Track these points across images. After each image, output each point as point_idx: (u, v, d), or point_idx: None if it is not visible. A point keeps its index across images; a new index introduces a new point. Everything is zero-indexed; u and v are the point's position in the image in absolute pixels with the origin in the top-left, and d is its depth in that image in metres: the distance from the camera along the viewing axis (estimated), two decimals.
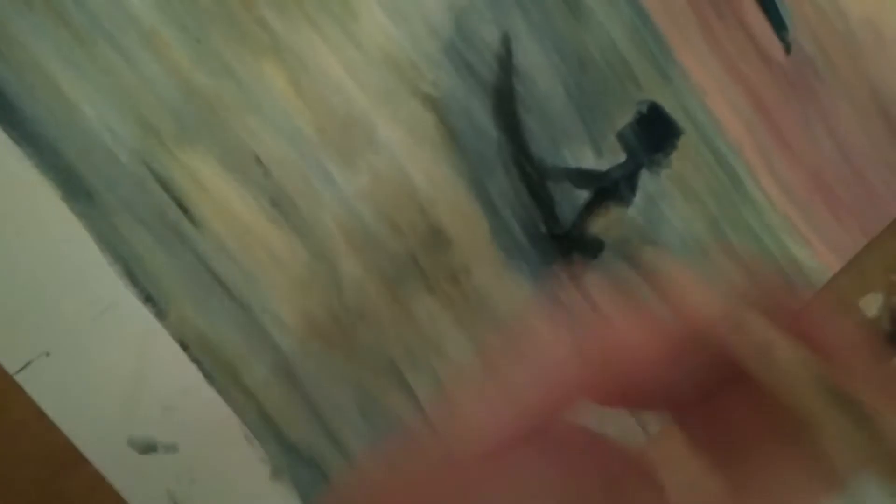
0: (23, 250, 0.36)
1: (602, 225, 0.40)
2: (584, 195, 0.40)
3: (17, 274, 0.36)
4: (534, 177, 0.40)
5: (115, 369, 0.37)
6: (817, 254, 0.43)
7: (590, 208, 0.40)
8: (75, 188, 0.36)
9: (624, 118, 0.41)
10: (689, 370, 0.21)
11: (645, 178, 0.41)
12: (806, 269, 0.43)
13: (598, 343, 0.21)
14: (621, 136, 0.41)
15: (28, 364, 0.36)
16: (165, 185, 0.37)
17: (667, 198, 0.41)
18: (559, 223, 0.40)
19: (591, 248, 0.40)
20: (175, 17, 0.36)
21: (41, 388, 0.36)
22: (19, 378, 0.36)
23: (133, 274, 0.37)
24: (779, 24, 0.42)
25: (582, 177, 0.40)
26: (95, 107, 0.36)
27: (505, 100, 0.40)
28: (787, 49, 0.42)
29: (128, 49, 0.36)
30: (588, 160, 0.41)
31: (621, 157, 0.41)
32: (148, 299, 0.37)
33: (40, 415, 0.36)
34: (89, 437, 0.36)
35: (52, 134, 0.35)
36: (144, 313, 0.37)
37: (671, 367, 0.21)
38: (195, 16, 0.36)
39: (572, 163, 0.40)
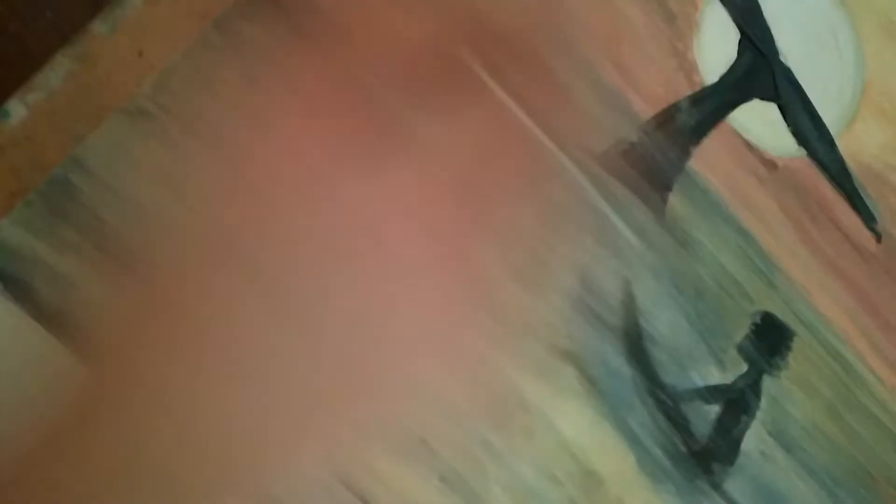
0: None
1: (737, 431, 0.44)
2: (714, 409, 0.44)
3: None
4: (668, 403, 0.43)
5: None
6: None
7: (721, 420, 0.44)
8: None
9: (741, 331, 0.44)
10: None
11: (767, 383, 0.44)
12: None
13: None
14: (741, 349, 0.44)
15: None
16: (349, 485, 0.39)
17: (788, 396, 0.44)
18: (696, 439, 0.43)
19: (728, 456, 0.43)
20: None
21: None
22: None
23: None
24: (868, 217, 0.45)
25: (711, 393, 0.43)
26: None
27: (633, 339, 0.43)
28: (878, 238, 0.45)
29: None
30: (714, 377, 0.44)
31: (744, 368, 0.44)
32: None
33: None
34: None
35: None
36: None
37: None
38: None
39: (700, 382, 0.43)
